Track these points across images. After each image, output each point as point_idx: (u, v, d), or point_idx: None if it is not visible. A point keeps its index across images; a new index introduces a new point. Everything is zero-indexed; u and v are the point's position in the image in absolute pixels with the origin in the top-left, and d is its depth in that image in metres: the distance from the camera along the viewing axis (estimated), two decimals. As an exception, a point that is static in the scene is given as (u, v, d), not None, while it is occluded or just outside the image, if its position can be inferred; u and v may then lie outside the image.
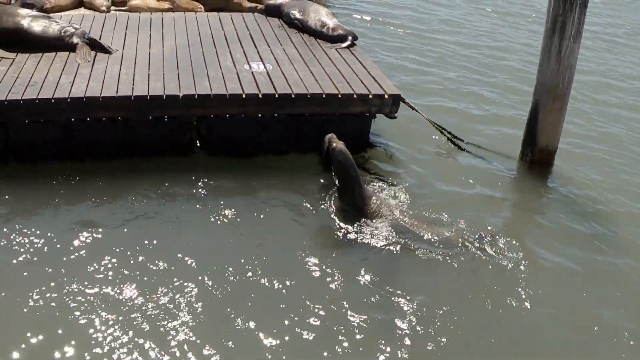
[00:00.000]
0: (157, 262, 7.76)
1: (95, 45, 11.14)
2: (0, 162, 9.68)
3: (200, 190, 9.16)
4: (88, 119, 9.71)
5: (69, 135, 9.82)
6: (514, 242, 8.52)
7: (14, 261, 7.73)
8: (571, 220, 9.26)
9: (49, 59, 10.73)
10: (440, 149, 10.82)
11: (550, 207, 9.72)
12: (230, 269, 7.71)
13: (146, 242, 8.10)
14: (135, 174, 9.49)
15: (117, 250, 7.95)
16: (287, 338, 6.81)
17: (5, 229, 8.23)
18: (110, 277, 7.50)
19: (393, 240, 8.24)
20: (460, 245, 8.29)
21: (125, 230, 8.34)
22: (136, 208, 8.80)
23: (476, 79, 14.01)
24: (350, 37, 12.06)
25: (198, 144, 10.17)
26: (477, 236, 8.49)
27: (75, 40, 11.04)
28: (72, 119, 9.68)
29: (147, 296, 7.25)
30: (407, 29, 16.66)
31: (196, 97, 9.72)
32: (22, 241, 8.03)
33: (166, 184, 9.25)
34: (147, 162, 9.79)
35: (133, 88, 9.81)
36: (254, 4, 14.26)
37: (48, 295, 7.19)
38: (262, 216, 8.71)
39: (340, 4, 18.39)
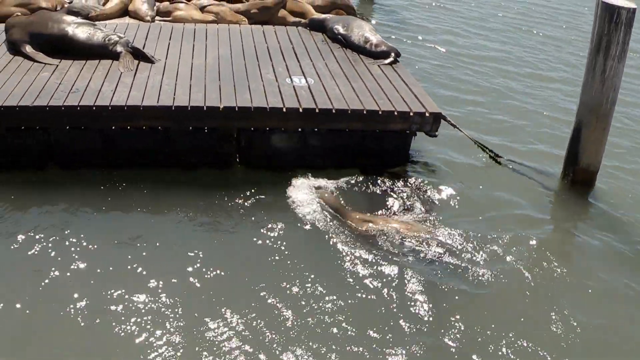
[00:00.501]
0: (193, 273, 7.78)
1: (139, 55, 11.20)
2: (41, 167, 9.78)
3: (237, 202, 9.14)
4: (129, 128, 9.75)
5: (109, 143, 9.85)
6: (549, 260, 8.45)
7: (51, 266, 7.77)
8: (610, 243, 9.11)
9: (92, 66, 10.79)
10: (481, 166, 10.73)
11: (589, 227, 9.56)
12: (263, 284, 7.70)
13: (184, 253, 8.12)
14: (175, 184, 9.54)
15: (153, 259, 8.00)
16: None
17: (44, 234, 8.29)
18: (146, 285, 7.54)
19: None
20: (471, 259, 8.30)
21: (161, 240, 8.37)
22: (174, 219, 8.84)
23: (518, 98, 13.85)
24: (393, 54, 11.99)
25: (237, 156, 10.12)
26: (513, 253, 8.45)
27: (118, 48, 11.11)
28: (113, 127, 9.72)
29: (185, 305, 7.29)
30: (448, 51, 16.46)
31: (236, 109, 9.70)
32: (61, 246, 8.10)
33: (205, 196, 9.28)
34: (186, 173, 9.84)
35: (174, 98, 9.83)
36: (297, 19, 14.24)
37: (82, 301, 7.24)
38: (296, 230, 8.68)
39: (382, 24, 18.31)
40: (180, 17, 13.84)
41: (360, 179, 9.79)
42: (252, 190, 9.37)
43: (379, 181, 9.74)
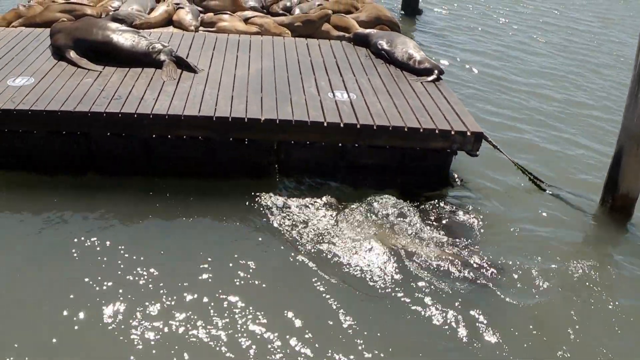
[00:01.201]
0: (229, 285, 7.76)
1: (182, 64, 11.21)
2: (80, 172, 9.83)
3: (275, 215, 9.10)
4: (169, 136, 9.76)
5: (149, 151, 9.89)
6: (585, 288, 8.35)
7: (87, 272, 7.80)
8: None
9: (135, 74, 10.84)
10: (520, 188, 10.62)
11: (627, 255, 9.39)
12: (302, 297, 7.71)
13: (220, 265, 8.11)
14: (213, 194, 9.54)
15: (189, 268, 8.01)
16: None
17: (81, 239, 8.37)
18: (181, 294, 7.54)
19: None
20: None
21: (197, 250, 8.36)
22: (211, 229, 8.85)
23: (558, 123, 13.69)
24: (436, 71, 11.90)
25: (277, 168, 10.08)
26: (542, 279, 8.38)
27: (162, 57, 11.13)
28: (154, 135, 9.74)
29: (222, 316, 7.26)
30: (488, 74, 16.21)
31: (277, 122, 9.67)
32: (98, 252, 8.17)
33: (242, 207, 9.24)
34: (226, 183, 9.80)
35: (216, 108, 9.82)
36: (341, 33, 14.17)
37: (116, 310, 7.26)
38: (335, 246, 8.60)
39: (424, 41, 18.22)
40: (224, 27, 13.85)
41: (398, 196, 9.71)
42: (290, 204, 9.33)
43: (415, 200, 9.65)
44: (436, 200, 9.72)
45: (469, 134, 9.90)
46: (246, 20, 14.24)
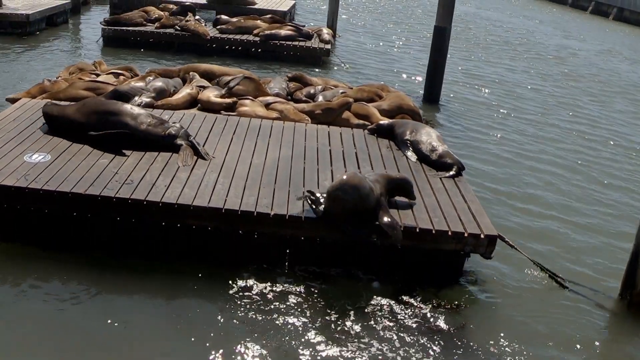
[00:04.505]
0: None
1: (197, 150, 11.22)
2: (89, 252, 9.81)
3: (283, 309, 8.97)
4: (179, 225, 9.71)
5: (158, 237, 9.84)
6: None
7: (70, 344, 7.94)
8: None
9: (151, 157, 10.88)
10: (537, 283, 10.43)
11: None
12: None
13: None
14: (219, 285, 9.36)
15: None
16: None
17: (89, 320, 8.48)
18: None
19: None
20: None
21: (207, 341, 8.29)
22: (213, 322, 8.68)
23: (577, 212, 13.61)
24: (456, 167, 11.81)
25: (286, 262, 9.92)
26: None
27: (179, 142, 11.15)
28: (163, 223, 9.70)
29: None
30: (508, 166, 15.88)
31: (287, 217, 9.59)
32: (104, 335, 8.24)
33: (248, 301, 9.10)
34: (234, 273, 9.61)
35: (226, 200, 9.78)
36: (361, 121, 14.12)
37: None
38: (346, 341, 8.48)
39: (444, 132, 17.98)
40: (245, 112, 13.86)
41: (408, 293, 9.62)
42: (300, 299, 9.22)
43: (424, 299, 9.55)
44: (446, 297, 9.62)
45: (482, 236, 9.72)
46: (267, 106, 14.27)
